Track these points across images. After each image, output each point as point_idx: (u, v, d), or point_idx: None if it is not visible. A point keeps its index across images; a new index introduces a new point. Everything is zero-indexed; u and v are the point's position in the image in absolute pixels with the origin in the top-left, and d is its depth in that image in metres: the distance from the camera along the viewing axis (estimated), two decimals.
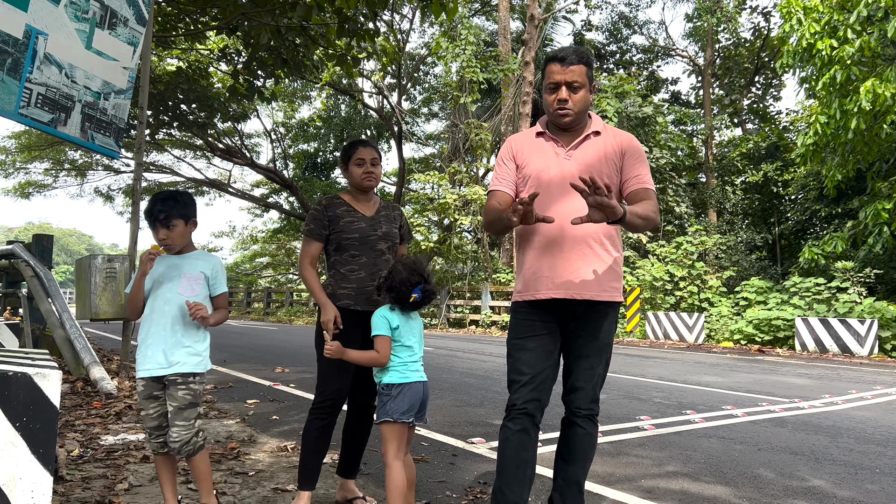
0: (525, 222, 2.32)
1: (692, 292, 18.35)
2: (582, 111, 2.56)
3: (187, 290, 2.70)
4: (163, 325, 2.67)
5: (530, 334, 2.55)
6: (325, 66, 13.23)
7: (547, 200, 2.50)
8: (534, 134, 2.67)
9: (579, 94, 2.52)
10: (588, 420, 2.58)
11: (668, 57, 31.14)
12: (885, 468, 4.08)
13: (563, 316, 2.55)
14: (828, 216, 20.32)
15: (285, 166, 30.33)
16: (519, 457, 2.48)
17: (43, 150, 23.43)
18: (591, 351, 2.57)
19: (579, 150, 2.58)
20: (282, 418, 5.17)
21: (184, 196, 2.78)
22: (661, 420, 5.43)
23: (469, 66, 20.49)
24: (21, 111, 4.55)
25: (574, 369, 2.58)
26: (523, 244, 2.63)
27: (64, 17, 4.81)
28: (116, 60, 5.31)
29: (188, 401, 2.65)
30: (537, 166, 2.59)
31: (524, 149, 2.65)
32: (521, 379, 2.51)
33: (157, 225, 2.69)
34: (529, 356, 2.52)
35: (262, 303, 30.10)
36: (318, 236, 3.00)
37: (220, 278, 2.81)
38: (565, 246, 2.50)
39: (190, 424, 2.64)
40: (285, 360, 9.48)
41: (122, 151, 5.70)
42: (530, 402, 2.48)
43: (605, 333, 2.59)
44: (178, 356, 2.65)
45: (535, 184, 2.56)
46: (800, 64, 14.82)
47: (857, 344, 13.40)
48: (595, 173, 2.46)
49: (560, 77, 2.50)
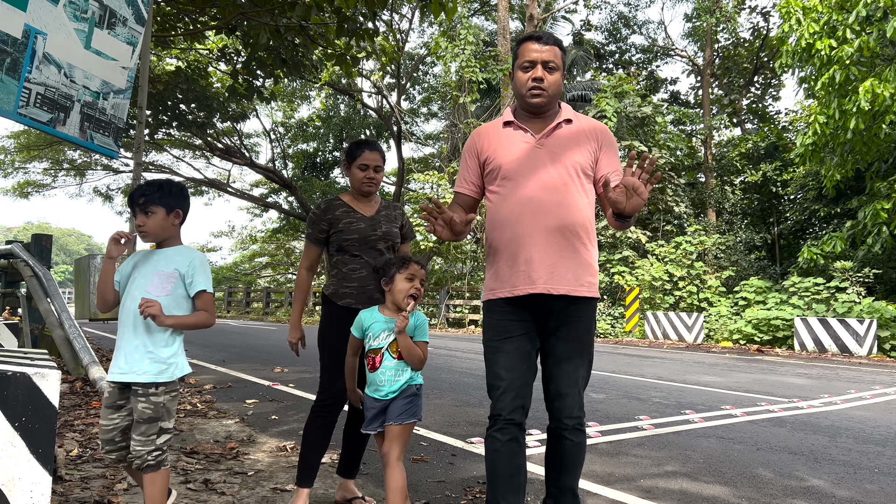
0: (456, 234, 2.32)
1: (691, 292, 18.36)
2: (555, 95, 2.45)
3: (157, 289, 2.44)
4: (128, 326, 2.43)
5: (506, 336, 2.44)
6: (324, 65, 13.23)
7: (518, 191, 2.41)
8: (501, 124, 2.55)
9: (554, 76, 2.42)
10: (576, 431, 2.46)
11: (668, 57, 31.15)
12: (884, 468, 4.08)
13: (541, 314, 2.44)
14: (827, 216, 20.33)
15: (284, 166, 30.33)
16: (511, 465, 2.39)
17: (42, 149, 23.41)
18: (573, 352, 2.44)
19: (551, 139, 2.46)
20: (281, 418, 5.17)
21: (172, 185, 2.57)
22: (660, 420, 5.43)
23: (468, 65, 20.49)
24: (20, 111, 4.54)
25: (556, 374, 2.45)
26: (494, 237, 2.50)
27: (63, 16, 4.81)
28: (115, 60, 5.31)
29: (147, 415, 2.36)
30: (506, 157, 2.46)
31: (490, 140, 2.53)
32: (500, 385, 2.41)
33: (136, 210, 2.48)
34: (506, 360, 2.42)
35: (261, 303, 30.09)
36: (315, 240, 3.03)
37: (197, 276, 2.50)
38: (540, 239, 2.38)
39: (148, 440, 2.36)
40: (284, 360, 9.48)
41: (121, 151, 5.70)
42: (515, 411, 2.40)
43: (585, 332, 2.47)
44: (137, 363, 2.38)
45: (506, 174, 2.44)
46: (799, 64, 14.83)
47: (856, 344, 13.41)
48: (569, 162, 2.41)
49: (537, 55, 2.40)
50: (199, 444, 4.12)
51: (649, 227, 21.91)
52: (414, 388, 2.61)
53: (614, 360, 10.73)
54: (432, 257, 22.21)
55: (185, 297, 2.49)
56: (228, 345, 11.86)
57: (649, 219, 22.20)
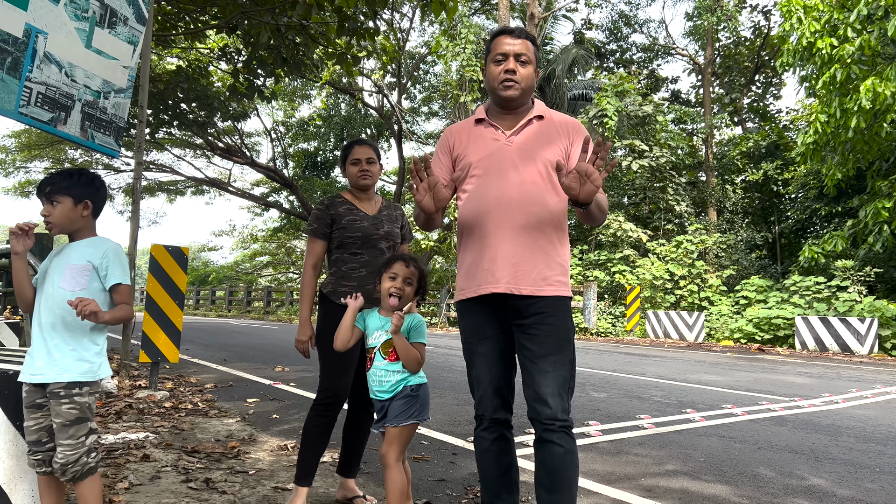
0: (437, 200, 2.26)
1: (692, 291, 18.36)
2: (527, 88, 2.40)
3: (70, 284, 2.30)
4: (45, 324, 2.29)
5: (480, 337, 2.39)
6: (324, 64, 13.22)
7: (486, 189, 2.37)
8: (473, 122, 2.51)
9: (527, 70, 2.38)
10: (564, 434, 2.23)
11: (669, 56, 31.14)
12: (885, 467, 4.08)
13: (508, 314, 2.34)
14: (828, 215, 20.32)
15: (285, 165, 30.34)
16: (502, 463, 2.37)
17: (43, 148, 23.43)
18: (549, 348, 2.27)
19: (521, 135, 2.41)
20: (282, 417, 5.17)
21: (83, 174, 2.40)
22: (661, 419, 5.43)
23: (469, 64, 20.48)
24: (21, 110, 4.54)
25: (534, 374, 2.27)
26: (463, 236, 2.45)
27: (64, 15, 4.81)
28: (116, 59, 5.31)
29: (74, 416, 2.24)
30: (476, 154, 2.42)
31: (462, 138, 2.49)
32: (480, 386, 2.39)
33: (42, 199, 2.33)
34: (483, 361, 2.38)
35: (262, 302, 30.11)
36: (321, 235, 3.03)
37: (112, 267, 2.34)
38: (506, 237, 2.31)
39: (78, 443, 2.25)
40: (285, 359, 9.49)
41: (121, 150, 5.70)
42: (499, 410, 2.37)
43: (559, 328, 2.30)
44: (59, 362, 2.25)
45: (476, 171, 2.40)
46: (800, 62, 14.82)
47: (857, 343, 13.40)
48: (539, 159, 2.36)
49: (509, 48, 2.36)
50: (200, 443, 4.12)
51: (650, 226, 21.91)
52: (409, 390, 2.56)
53: (615, 359, 10.73)
54: (433, 256, 22.22)
55: (101, 289, 2.35)
56: (229, 344, 11.87)
57: (650, 218, 22.20)
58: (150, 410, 5.12)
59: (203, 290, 36.02)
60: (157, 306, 5.72)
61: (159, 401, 5.51)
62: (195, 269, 40.08)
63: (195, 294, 35.68)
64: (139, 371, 7.07)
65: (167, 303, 5.75)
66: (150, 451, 3.84)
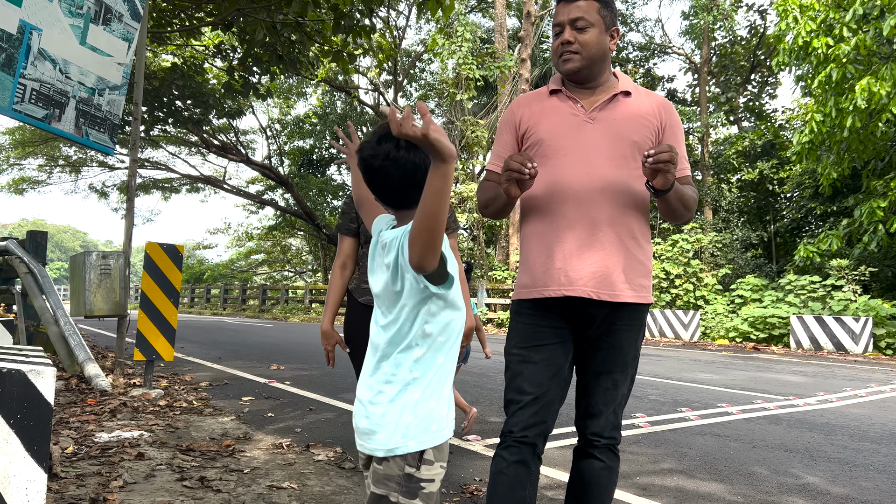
0: (521, 189, 1.90)
1: (688, 290, 18.40)
2: (594, 57, 2.00)
3: None
4: None
5: (535, 344, 2.01)
6: (320, 62, 13.20)
7: (563, 171, 1.99)
8: (546, 92, 2.12)
9: (587, 35, 1.98)
10: (608, 451, 2.06)
11: (665, 54, 31.17)
12: (879, 465, 4.09)
13: (579, 321, 2.01)
14: (823, 214, 20.39)
15: (280, 163, 30.30)
16: (514, 496, 1.94)
17: (37, 146, 23.36)
18: (615, 366, 2.03)
19: (606, 112, 2.02)
20: (277, 416, 5.16)
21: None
22: (656, 417, 5.44)
23: (465, 62, 20.48)
24: (15, 107, 4.52)
25: (593, 389, 2.05)
26: (530, 224, 2.08)
27: (58, 12, 4.78)
28: (111, 56, 5.28)
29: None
30: (550, 130, 2.04)
31: (532, 110, 2.10)
32: (521, 400, 1.98)
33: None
34: (533, 371, 1.99)
35: (257, 300, 30.07)
36: (347, 230, 2.91)
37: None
38: (583, 231, 1.96)
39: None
40: (281, 357, 9.47)
41: (116, 148, 5.68)
42: (531, 428, 1.96)
43: (631, 344, 2.05)
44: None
45: (548, 151, 2.03)
46: (796, 62, 14.87)
47: (852, 342, 13.45)
48: (626, 141, 2.01)
49: (563, 17, 2.00)
50: (194, 442, 4.11)
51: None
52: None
53: None
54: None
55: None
56: (224, 342, 11.84)
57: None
58: (145, 409, 5.10)
59: (198, 288, 35.95)
60: (152, 304, 5.70)
61: (154, 399, 5.49)
62: (190, 267, 39.98)
63: (190, 292, 35.61)
64: (134, 369, 7.05)
65: (162, 301, 5.73)
66: (145, 449, 3.83)
